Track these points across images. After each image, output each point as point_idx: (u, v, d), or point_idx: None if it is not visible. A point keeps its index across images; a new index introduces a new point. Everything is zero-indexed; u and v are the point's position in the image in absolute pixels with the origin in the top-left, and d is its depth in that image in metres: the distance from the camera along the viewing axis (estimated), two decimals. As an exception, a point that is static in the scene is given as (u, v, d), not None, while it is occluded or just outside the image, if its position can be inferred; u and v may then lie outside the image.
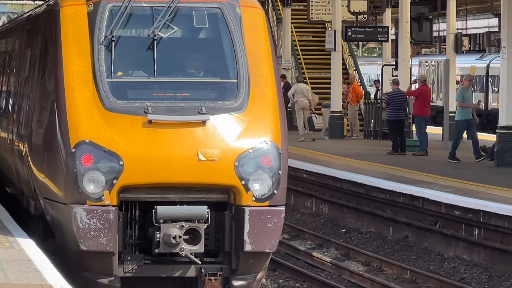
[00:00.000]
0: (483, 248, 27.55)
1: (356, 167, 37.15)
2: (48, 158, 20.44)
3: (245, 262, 19.28)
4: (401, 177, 33.74)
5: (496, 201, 27.62)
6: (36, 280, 16.82)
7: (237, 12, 20.41)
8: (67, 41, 20.24)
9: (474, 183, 31.54)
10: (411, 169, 35.83)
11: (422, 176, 33.64)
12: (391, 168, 36.56)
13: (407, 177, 33.63)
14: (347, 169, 36.95)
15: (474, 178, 32.68)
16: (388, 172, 35.40)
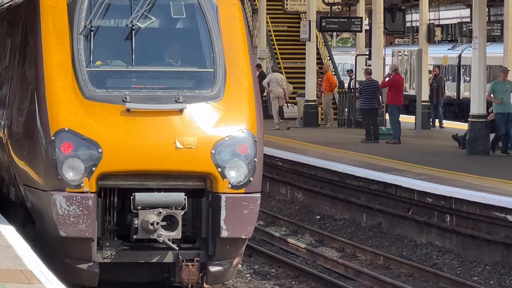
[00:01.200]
0: (455, 234, 27.74)
1: (330, 155, 37.26)
2: (28, 146, 20.63)
3: (222, 248, 19.48)
4: (375, 164, 33.85)
5: (467, 188, 27.80)
6: (16, 265, 16.98)
7: (213, 2, 20.62)
8: (47, 31, 20.43)
9: (447, 170, 31.69)
10: (384, 157, 35.95)
11: (395, 164, 33.79)
12: (364, 156, 36.69)
13: (381, 164, 33.74)
14: (321, 157, 37.06)
15: (446, 166, 32.81)
16: (362, 160, 35.52)
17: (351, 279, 25.00)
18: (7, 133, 22.37)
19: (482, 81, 38.63)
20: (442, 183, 29.18)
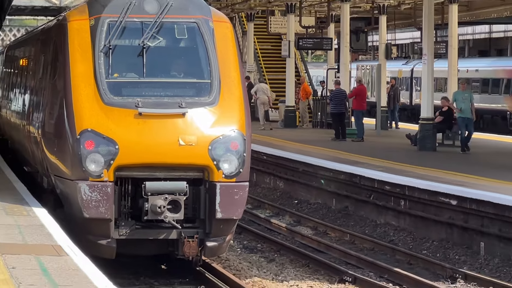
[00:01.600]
0: (408, 216, 27.78)
1: (306, 151, 37.26)
2: (58, 143, 20.88)
3: (217, 227, 19.62)
4: (342, 159, 33.86)
5: (418, 178, 27.88)
6: (48, 241, 16.99)
7: (210, 25, 20.77)
8: (73, 49, 20.63)
9: (401, 163, 31.71)
10: (350, 153, 35.94)
11: (359, 158, 33.77)
12: (334, 152, 36.65)
13: (347, 159, 33.75)
14: (298, 152, 37.06)
15: (401, 160, 32.84)
16: (332, 154, 35.50)
17: (323, 252, 24.99)
18: (41, 132, 22.50)
19: (430, 90, 38.82)
20: (397, 173, 29.24)
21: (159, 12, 20.40)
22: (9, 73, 34.87)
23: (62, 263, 15.10)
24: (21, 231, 17.56)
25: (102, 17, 20.36)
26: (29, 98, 26.35)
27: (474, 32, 71.62)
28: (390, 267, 22.67)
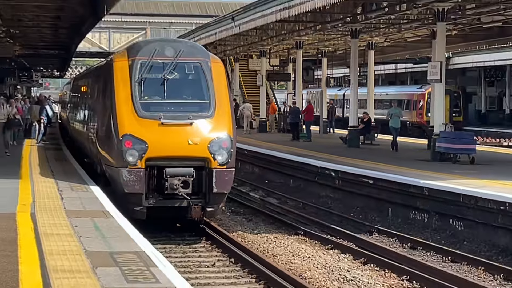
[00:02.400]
0: (341, 191, 27.68)
1: (273, 147, 37.10)
2: (107, 143, 21.27)
3: (213, 198, 19.94)
4: (297, 153, 33.69)
5: (347, 165, 27.74)
6: (100, 208, 17.49)
7: (209, 65, 21.17)
8: (117, 80, 21.04)
9: (336, 156, 31.59)
10: (303, 149, 35.76)
11: (308, 152, 33.61)
12: (292, 148, 36.46)
13: (300, 153, 33.57)
14: (268, 148, 36.89)
15: (336, 153, 32.69)
16: (290, 150, 35.32)
17: (284, 215, 24.86)
18: (96, 136, 22.88)
19: (355, 108, 38.84)
20: (333, 162, 29.13)
21: (175, 56, 20.60)
22: (75, 96, 35.09)
23: (109, 223, 15.18)
24: (82, 202, 17.66)
25: (136, 59, 20.55)
26: (88, 113, 26.54)
27: (385, 69, 71.63)
28: (328, 224, 22.70)
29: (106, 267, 11.03)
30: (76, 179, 21.97)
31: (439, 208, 22.08)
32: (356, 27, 36.69)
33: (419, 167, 26.27)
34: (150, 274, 10.77)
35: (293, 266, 17.48)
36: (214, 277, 16.64)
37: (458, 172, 24.77)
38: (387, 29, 40.27)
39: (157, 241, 17.74)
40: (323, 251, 19.72)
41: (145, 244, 12.92)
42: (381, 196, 25.06)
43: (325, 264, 17.86)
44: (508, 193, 19.76)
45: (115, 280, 10.31)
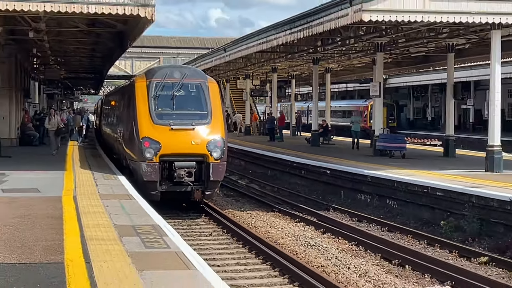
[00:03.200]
0: (305, 178, 27.59)
1: (255, 146, 36.96)
2: (131, 143, 21.14)
3: (210, 184, 19.93)
4: (273, 150, 33.65)
5: (310, 160, 27.68)
6: (125, 192, 17.31)
7: (206, 84, 21.20)
8: (138, 96, 21.04)
9: (302, 152, 31.57)
10: (277, 147, 35.72)
11: (281, 150, 33.53)
12: (269, 147, 36.36)
13: (275, 150, 33.52)
14: (251, 147, 36.79)
15: (302, 151, 32.66)
16: (267, 148, 35.26)
17: (263, 196, 24.82)
18: (122, 138, 22.76)
19: (316, 116, 38.62)
20: (300, 157, 29.03)
21: (181, 78, 20.60)
22: (106, 108, 34.81)
23: (132, 203, 15.14)
24: (112, 187, 17.56)
25: (152, 80, 20.54)
26: (116, 121, 26.26)
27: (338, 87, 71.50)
28: (296, 203, 22.63)
29: (129, 236, 11.03)
30: (107, 171, 21.88)
31: (379, 191, 22.14)
32: (317, 56, 36.72)
33: (364, 161, 26.27)
34: (162, 241, 10.77)
35: (270, 235, 17.52)
36: (211, 244, 16.74)
37: (393, 164, 24.83)
38: (340, 58, 40.27)
39: (168, 217, 17.66)
40: (293, 223, 19.75)
41: (159, 219, 12.92)
42: (335, 183, 25.00)
43: (294, 234, 17.87)
44: (430, 180, 19.92)
45: (136, 246, 10.32)
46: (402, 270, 14.44)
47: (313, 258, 15.04)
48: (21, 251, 9.73)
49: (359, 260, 15.08)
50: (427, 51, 34.62)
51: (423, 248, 16.49)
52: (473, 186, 18.37)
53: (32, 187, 16.98)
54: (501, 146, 22.53)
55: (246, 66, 47.47)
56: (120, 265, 9.04)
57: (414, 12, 19.86)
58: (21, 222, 12.03)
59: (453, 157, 28.66)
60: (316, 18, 22.96)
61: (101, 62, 43.14)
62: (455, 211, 18.21)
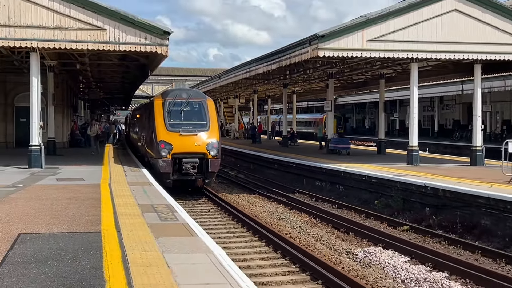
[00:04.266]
0: (278, 171, 27.47)
1: (241, 147, 36.80)
2: (151, 145, 20.92)
3: (209, 174, 19.82)
4: (254, 150, 33.54)
5: (281, 156, 27.64)
6: (145, 180, 16.96)
7: (206, 102, 21.06)
8: (156, 111, 20.85)
9: (276, 151, 31.52)
10: (257, 148, 35.64)
11: (260, 150, 33.40)
12: (251, 147, 36.24)
13: (256, 150, 33.43)
14: (238, 147, 36.71)
15: (276, 150, 32.65)
16: (251, 149, 35.18)
17: (247, 183, 24.73)
18: (144, 141, 22.51)
19: (286, 125, 38.62)
20: (274, 155, 28.90)
21: (187, 97, 20.55)
22: (133, 120, 34.53)
23: (152, 189, 15.02)
24: (136, 177, 17.37)
25: (167, 99, 20.42)
26: (140, 129, 25.87)
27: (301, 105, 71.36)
28: (270, 188, 22.55)
29: (149, 212, 10.97)
30: (134, 165, 21.72)
31: (330, 179, 22.18)
32: (286, 82, 36.73)
33: (320, 157, 26.31)
34: (173, 216, 10.73)
35: (252, 211, 17.51)
36: (209, 217, 16.68)
37: (341, 160, 24.88)
38: (302, 83, 40.29)
39: (178, 198, 17.59)
40: (268, 203, 19.75)
41: (171, 200, 12.86)
42: (300, 173, 24.97)
43: (269, 210, 17.88)
44: (367, 170, 19.96)
45: (154, 219, 10.27)
46: (347, 236, 14.52)
47: (283, 227, 15.08)
48: (69, 223, 9.69)
49: (316, 229, 15.14)
50: (365, 78, 34.80)
51: (362, 220, 16.57)
52: (398, 175, 18.48)
53: (79, 177, 16.89)
54: (418, 146, 22.70)
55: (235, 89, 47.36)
56: (142, 233, 9.01)
57: (355, 50, 19.93)
58: (70, 202, 11.97)
59: (384, 154, 28.79)
60: (285, 54, 22.99)
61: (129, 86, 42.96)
62: (385, 193, 18.32)
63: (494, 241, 13.32)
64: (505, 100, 44.31)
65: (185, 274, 6.74)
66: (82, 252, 7.67)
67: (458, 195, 15.03)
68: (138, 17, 18.55)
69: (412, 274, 10.77)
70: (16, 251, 7.69)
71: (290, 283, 10.15)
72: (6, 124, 30.43)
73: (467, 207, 14.72)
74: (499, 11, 20.87)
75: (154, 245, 8.17)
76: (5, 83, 30.27)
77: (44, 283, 6.31)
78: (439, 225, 15.03)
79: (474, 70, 22.34)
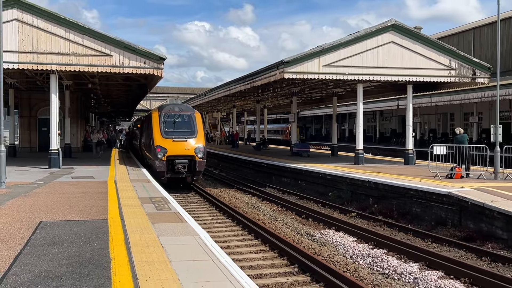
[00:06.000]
0: (252, 169, 27.34)
1: (222, 151, 36.53)
2: (149, 149, 20.45)
3: (196, 173, 19.47)
4: (233, 153, 33.35)
5: (255, 158, 27.51)
6: (145, 178, 16.64)
7: (194, 115, 20.58)
8: (153, 122, 20.35)
9: (250, 154, 31.39)
10: (235, 151, 35.50)
11: (238, 153, 33.26)
12: (230, 151, 36.06)
13: (234, 153, 33.25)
14: (220, 151, 36.43)
15: (250, 153, 32.52)
16: (230, 152, 34.94)
17: (228, 180, 24.56)
18: (144, 146, 22.13)
19: (259, 133, 38.45)
20: (249, 157, 28.74)
21: (179, 111, 20.25)
22: (134, 129, 34.08)
23: (150, 184, 14.85)
24: (137, 176, 17.13)
25: (162, 112, 20.07)
26: (140, 136, 25.46)
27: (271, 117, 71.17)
28: (246, 183, 22.39)
29: (147, 203, 10.87)
30: (135, 165, 21.42)
31: (294, 176, 22.22)
32: (258, 98, 36.76)
33: (286, 159, 26.33)
34: (167, 206, 10.65)
35: (231, 202, 17.40)
36: (196, 207, 16.50)
37: (303, 161, 24.93)
38: (272, 99, 40.37)
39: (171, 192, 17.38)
40: (244, 195, 19.67)
41: (165, 194, 12.74)
42: (269, 171, 24.90)
43: (245, 201, 17.83)
44: (323, 169, 20.03)
45: (151, 209, 10.18)
46: (307, 221, 14.56)
47: (256, 215, 15.06)
48: (82, 212, 9.55)
49: (283, 216, 15.16)
50: (321, 95, 35.00)
51: (319, 208, 16.63)
52: (347, 172, 18.61)
53: (90, 175, 16.66)
54: (363, 149, 22.90)
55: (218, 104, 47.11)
56: (141, 220, 8.93)
57: (313, 73, 20.06)
58: (82, 195, 11.80)
59: (337, 156, 28.93)
60: (258, 76, 23.03)
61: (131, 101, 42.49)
62: (338, 187, 18.42)
63: (422, 224, 13.54)
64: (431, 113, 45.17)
65: (176, 252, 6.72)
66: (92, 236, 7.58)
67: (394, 188, 15.22)
68: (138, 46, 18.52)
69: (358, 251, 10.88)
70: (37, 235, 7.58)
71: (261, 259, 10.17)
72: (30, 133, 30.49)
73: (402, 197, 14.93)
74: (426, 43, 21.28)
75: (151, 230, 8.11)
76: (30, 99, 30.40)
77: (61, 261, 6.24)
78: (380, 212, 15.19)
79: (407, 90, 22.70)
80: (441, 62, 21.29)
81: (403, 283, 8.76)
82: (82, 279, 5.54)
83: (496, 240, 11.21)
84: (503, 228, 11.22)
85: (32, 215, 9.22)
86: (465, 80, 21.63)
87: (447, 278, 8.99)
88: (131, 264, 6.11)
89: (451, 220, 12.98)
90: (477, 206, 12.00)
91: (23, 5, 17.90)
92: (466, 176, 16.18)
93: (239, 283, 5.58)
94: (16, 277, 5.61)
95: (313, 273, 8.94)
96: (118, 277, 5.61)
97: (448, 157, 16.74)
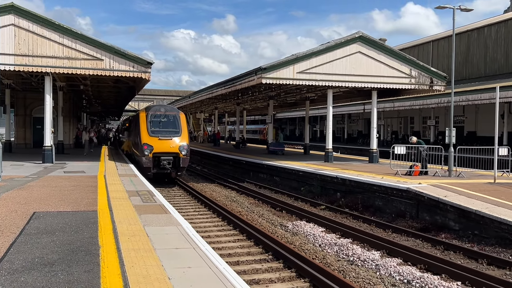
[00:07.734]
0: (232, 166, 27.19)
1: (205, 149, 36.33)
2: (137, 147, 20.13)
3: (180, 169, 19.21)
4: (215, 151, 33.23)
5: (237, 156, 27.50)
6: (133, 173, 16.47)
7: (179, 115, 20.27)
8: (141, 121, 20.00)
9: (232, 152, 31.29)
10: (217, 149, 35.37)
11: (219, 151, 33.14)
12: (213, 149, 35.81)
13: (216, 151, 33.10)
14: (203, 149, 36.23)
15: (231, 151, 32.38)
16: (213, 151, 34.81)
17: (209, 175, 24.44)
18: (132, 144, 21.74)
19: (238, 133, 38.31)
20: (231, 155, 28.68)
21: (165, 111, 19.96)
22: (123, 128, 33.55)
23: (137, 179, 14.70)
24: (125, 170, 16.93)
25: (149, 112, 19.76)
26: (129, 134, 25.13)
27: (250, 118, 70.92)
28: (226, 179, 22.31)
29: (134, 196, 10.78)
30: (124, 161, 21.16)
31: (270, 172, 22.26)
32: (238, 101, 36.68)
33: (263, 157, 26.34)
34: (153, 199, 10.59)
35: (212, 196, 17.36)
36: (180, 200, 16.37)
37: (278, 158, 25.00)
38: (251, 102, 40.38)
39: (156, 186, 17.34)
40: (225, 189, 19.64)
41: (151, 187, 12.64)
42: (248, 168, 24.87)
43: (225, 194, 17.83)
44: (296, 166, 20.14)
45: (137, 201, 10.10)
46: (281, 213, 14.65)
47: (235, 207, 15.09)
48: (73, 204, 9.42)
49: (259, 208, 15.21)
50: (296, 99, 35.21)
51: (292, 201, 16.73)
52: (318, 169, 18.75)
53: (81, 170, 16.41)
54: (332, 149, 23.12)
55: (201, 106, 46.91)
56: (128, 211, 8.87)
57: (288, 79, 20.16)
58: (74, 189, 11.63)
59: (309, 155, 29.15)
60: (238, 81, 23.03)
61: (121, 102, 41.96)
62: (309, 182, 18.57)
63: (384, 216, 13.77)
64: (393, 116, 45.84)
65: (160, 241, 6.71)
66: (82, 225, 7.50)
67: (360, 183, 15.42)
68: (128, 51, 18.36)
69: (327, 240, 11.01)
70: (31, 225, 7.46)
71: (239, 248, 10.21)
72: (25, 130, 30.02)
73: (366, 192, 15.15)
74: (390, 54, 21.63)
75: (137, 220, 8.07)
76: (25, 99, 29.94)
77: (53, 248, 6.16)
78: (346, 205, 15.38)
79: (372, 95, 23.03)
80: (402, 71, 21.70)
81: (366, 269, 8.92)
82: (73, 265, 5.51)
83: (449, 230, 11.51)
84: (455, 220, 11.54)
85: (26, 207, 9.06)
86: (424, 87, 22.11)
87: (405, 265, 9.20)
88: (119, 252, 6.08)
89: (409, 213, 13.26)
90: (432, 200, 12.29)
91: (20, 11, 17.65)
92: (424, 174, 16.53)
93: (218, 268, 5.63)
94: (10, 263, 5.55)
95: (286, 260, 9.03)
96: (106, 263, 5.60)
97: (408, 156, 17.06)
